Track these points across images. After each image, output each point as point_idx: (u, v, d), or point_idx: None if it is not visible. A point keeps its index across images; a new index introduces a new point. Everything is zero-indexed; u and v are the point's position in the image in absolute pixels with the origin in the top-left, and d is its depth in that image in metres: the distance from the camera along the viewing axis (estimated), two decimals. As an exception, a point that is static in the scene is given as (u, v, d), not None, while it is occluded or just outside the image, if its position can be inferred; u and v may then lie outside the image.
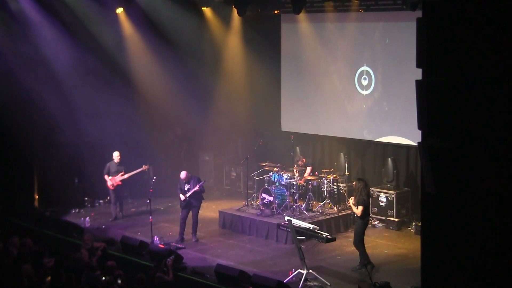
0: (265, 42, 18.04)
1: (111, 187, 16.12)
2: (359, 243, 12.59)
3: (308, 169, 15.95)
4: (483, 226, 6.10)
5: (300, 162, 16.09)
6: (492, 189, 5.88)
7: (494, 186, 5.86)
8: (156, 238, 14.13)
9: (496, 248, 6.04)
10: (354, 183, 13.39)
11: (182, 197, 14.37)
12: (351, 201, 12.71)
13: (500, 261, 6.04)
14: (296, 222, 12.65)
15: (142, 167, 16.28)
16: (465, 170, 5.85)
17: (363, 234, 12.69)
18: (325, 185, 15.57)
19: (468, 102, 5.84)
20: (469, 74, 5.86)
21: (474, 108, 5.82)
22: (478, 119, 5.81)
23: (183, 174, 14.46)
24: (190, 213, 14.50)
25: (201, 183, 14.40)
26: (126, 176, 16.15)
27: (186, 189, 14.37)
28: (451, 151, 5.88)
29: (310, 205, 15.40)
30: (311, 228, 12.32)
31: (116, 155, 16.18)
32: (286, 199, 15.26)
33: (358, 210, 12.55)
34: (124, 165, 16.22)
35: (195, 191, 14.30)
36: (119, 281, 10.31)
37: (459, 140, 5.89)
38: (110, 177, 16.09)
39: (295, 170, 15.75)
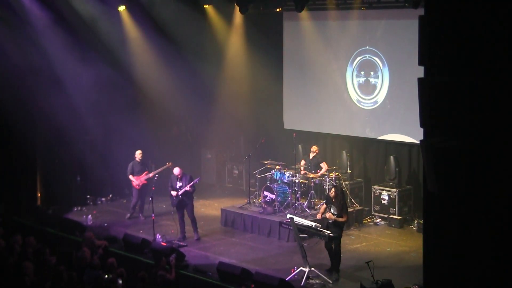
0: (267, 40, 18.03)
1: (137, 187, 15.96)
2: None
3: (324, 165, 15.71)
4: (485, 224, 6.10)
5: (312, 151, 15.94)
6: (495, 188, 5.87)
7: (496, 185, 5.86)
8: (158, 236, 14.15)
9: (499, 247, 6.03)
10: (332, 192, 12.54)
11: (173, 193, 14.33)
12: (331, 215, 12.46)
13: (502, 260, 6.04)
14: (298, 220, 12.65)
15: (165, 164, 15.84)
16: (467, 169, 5.84)
17: None
18: (327, 183, 15.56)
19: (470, 101, 5.83)
20: (472, 73, 5.86)
21: (476, 106, 5.81)
22: (481, 117, 5.81)
23: (176, 171, 14.40)
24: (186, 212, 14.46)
25: (195, 181, 14.32)
26: (151, 174, 15.97)
27: (178, 186, 14.33)
28: (453, 150, 5.87)
29: (312, 203, 15.41)
30: (313, 226, 12.31)
31: (138, 154, 16.01)
32: (288, 197, 15.27)
33: (343, 218, 12.43)
34: (146, 163, 16.11)
35: (186, 190, 14.25)
36: (120, 281, 10.30)
37: (462, 138, 5.88)
38: (135, 177, 15.98)
39: (301, 169, 15.71)
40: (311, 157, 16.00)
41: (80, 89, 16.75)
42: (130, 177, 15.98)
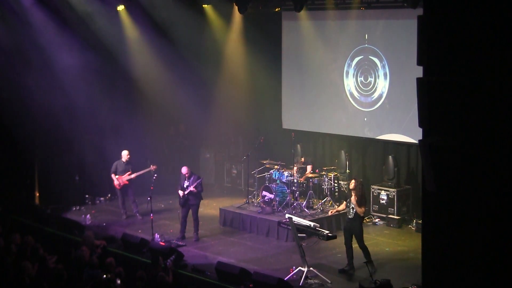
0: (266, 40, 18.03)
1: (117, 187, 15.94)
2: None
3: (309, 167, 15.95)
4: (484, 224, 6.11)
5: (301, 161, 16.12)
6: (493, 187, 5.88)
7: (495, 184, 5.86)
8: (157, 236, 14.14)
9: (497, 246, 6.04)
10: (352, 183, 12.55)
11: (180, 193, 14.35)
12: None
13: (500, 259, 6.04)
14: (296, 219, 12.65)
15: (149, 166, 15.86)
16: (466, 168, 5.85)
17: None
18: (326, 183, 15.59)
19: (469, 100, 5.84)
20: (470, 72, 5.86)
21: (475, 106, 5.82)
22: (480, 117, 5.81)
23: (184, 170, 14.42)
24: (191, 211, 14.48)
25: (198, 181, 14.34)
26: (133, 175, 15.91)
27: (185, 186, 14.35)
28: (452, 149, 5.88)
29: (310, 202, 15.41)
30: (312, 225, 12.32)
31: (124, 154, 15.95)
32: (287, 197, 15.27)
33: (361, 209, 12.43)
34: (131, 164, 16.10)
35: (192, 190, 14.25)
36: (118, 281, 10.29)
37: (460, 138, 5.89)
38: (117, 176, 15.93)
39: (295, 169, 15.73)
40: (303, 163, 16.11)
41: (79, 89, 16.74)
42: (112, 176, 15.96)
